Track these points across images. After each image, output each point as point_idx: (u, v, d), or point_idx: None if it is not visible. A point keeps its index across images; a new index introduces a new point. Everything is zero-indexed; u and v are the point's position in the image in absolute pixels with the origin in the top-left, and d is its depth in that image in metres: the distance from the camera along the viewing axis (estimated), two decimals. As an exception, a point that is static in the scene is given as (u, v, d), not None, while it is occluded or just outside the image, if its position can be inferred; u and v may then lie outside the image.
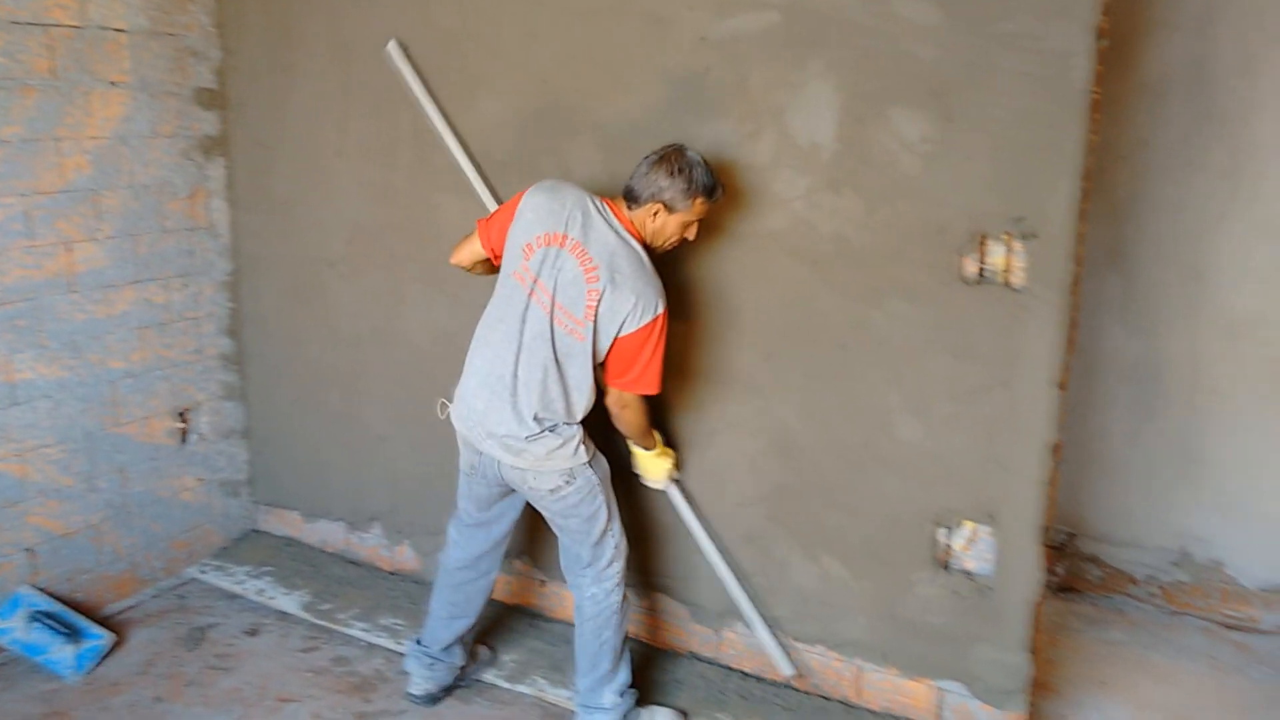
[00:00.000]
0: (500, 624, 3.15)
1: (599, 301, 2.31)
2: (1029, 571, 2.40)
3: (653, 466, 2.72)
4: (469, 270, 2.64)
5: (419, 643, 2.81)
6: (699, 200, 2.35)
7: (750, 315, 2.63)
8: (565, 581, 2.65)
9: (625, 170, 2.67)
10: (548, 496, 2.49)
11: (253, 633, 3.15)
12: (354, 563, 3.54)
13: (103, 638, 3.00)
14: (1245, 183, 2.94)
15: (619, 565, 2.57)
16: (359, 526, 3.52)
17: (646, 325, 2.32)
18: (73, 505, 3.13)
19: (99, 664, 2.93)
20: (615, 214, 2.40)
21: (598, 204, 2.41)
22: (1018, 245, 2.25)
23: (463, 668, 2.84)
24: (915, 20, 2.27)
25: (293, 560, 3.57)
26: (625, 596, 2.60)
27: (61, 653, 2.88)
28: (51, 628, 2.89)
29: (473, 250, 2.58)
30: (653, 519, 2.90)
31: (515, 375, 2.39)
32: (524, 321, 2.38)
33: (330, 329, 3.40)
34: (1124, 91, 3.04)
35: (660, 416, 2.81)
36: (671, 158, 2.34)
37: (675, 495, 2.79)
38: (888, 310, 2.45)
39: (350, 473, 3.48)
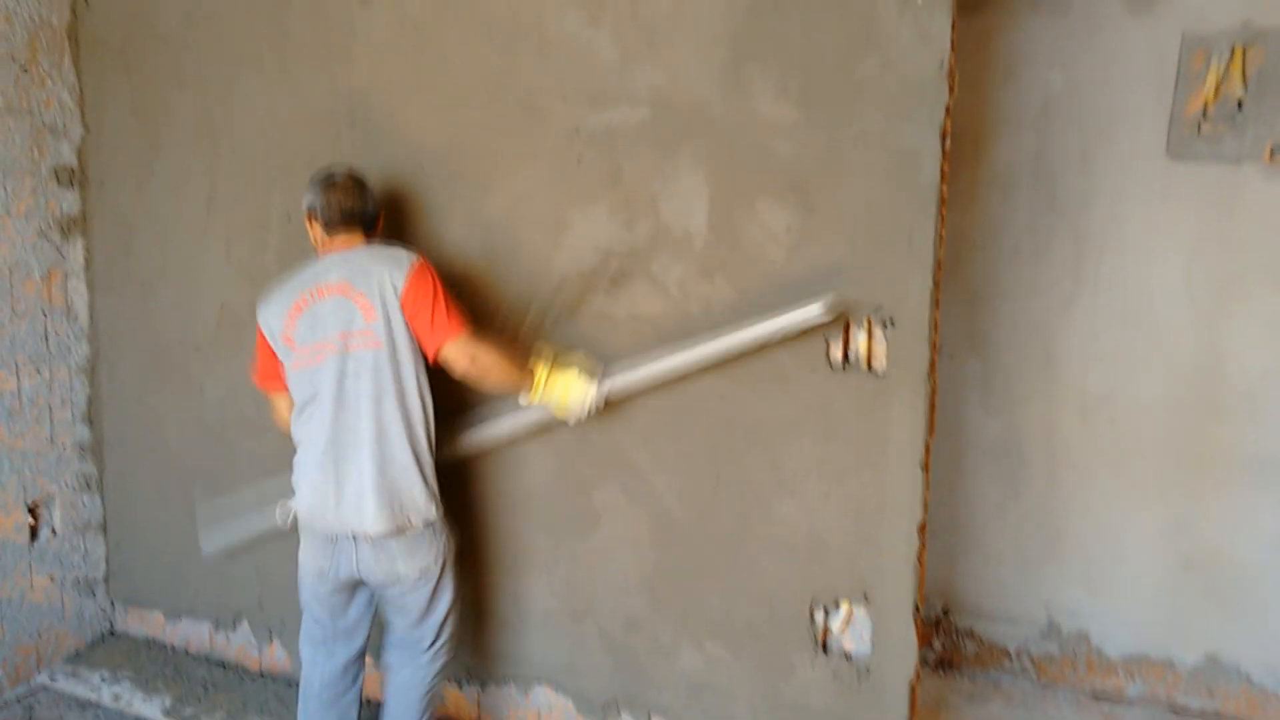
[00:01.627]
0: None
1: (365, 296, 2.33)
2: (905, 651, 2.44)
3: (564, 389, 2.46)
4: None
5: None
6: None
7: (629, 399, 2.64)
8: (384, 664, 2.61)
9: (503, 252, 2.70)
10: (414, 579, 2.43)
11: (103, 745, 2.93)
12: (221, 664, 3.34)
13: (-73, 760, 2.74)
14: (1087, 269, 3.14)
15: (451, 638, 2.58)
16: (225, 625, 3.33)
17: (413, 273, 2.35)
18: (-101, 612, 2.88)
19: (-78, 790, 2.68)
20: (334, 250, 2.47)
21: (315, 261, 2.48)
22: (878, 332, 2.34)
23: None
24: (774, 119, 2.37)
25: (154, 663, 3.35)
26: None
27: (-124, 780, 2.61)
28: None
29: (279, 409, 2.60)
30: (534, 605, 2.84)
31: (360, 437, 2.34)
32: (330, 382, 2.35)
33: (195, 416, 3.25)
34: (975, 183, 3.23)
35: (545, 504, 2.77)
36: (339, 181, 2.48)
37: (624, 380, 2.49)
38: (761, 393, 2.50)
39: (215, 568, 3.30)
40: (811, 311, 2.29)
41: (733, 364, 2.51)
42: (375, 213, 2.53)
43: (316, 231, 2.50)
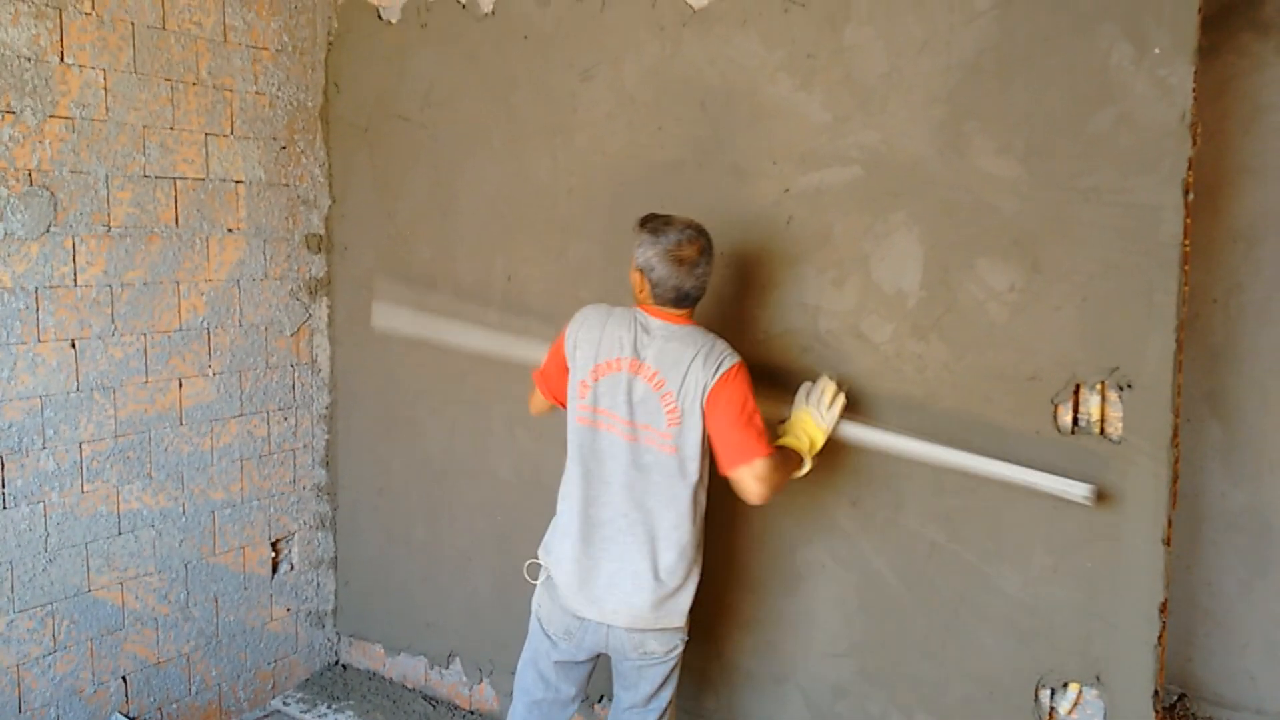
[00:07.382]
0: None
1: (673, 395, 2.25)
2: (1141, 740, 2.26)
3: (819, 436, 2.40)
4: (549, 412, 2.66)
5: None
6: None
7: (835, 459, 2.61)
8: None
9: (708, 314, 2.75)
10: (659, 657, 2.37)
11: (331, 771, 3.13)
12: (433, 700, 3.52)
13: (186, 771, 3.02)
14: (1350, 326, 2.87)
15: None
16: (439, 662, 3.51)
17: (725, 377, 2.22)
18: (167, 634, 3.20)
19: (181, 799, 2.94)
20: (658, 318, 2.34)
21: (640, 317, 2.36)
22: (1113, 395, 2.22)
23: None
24: (996, 174, 2.32)
25: (374, 694, 3.57)
26: None
27: (146, 786, 2.90)
28: (138, 760, 2.92)
29: (540, 402, 2.59)
30: (736, 663, 2.82)
31: (636, 534, 2.30)
32: (618, 470, 2.31)
33: (420, 461, 3.48)
34: (1212, 237, 3.02)
35: (747, 560, 2.78)
36: (686, 255, 2.29)
37: (857, 430, 2.48)
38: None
39: (433, 606, 3.49)
40: (1074, 490, 2.20)
41: (944, 426, 2.44)
42: (705, 289, 2.36)
43: (644, 290, 2.34)
